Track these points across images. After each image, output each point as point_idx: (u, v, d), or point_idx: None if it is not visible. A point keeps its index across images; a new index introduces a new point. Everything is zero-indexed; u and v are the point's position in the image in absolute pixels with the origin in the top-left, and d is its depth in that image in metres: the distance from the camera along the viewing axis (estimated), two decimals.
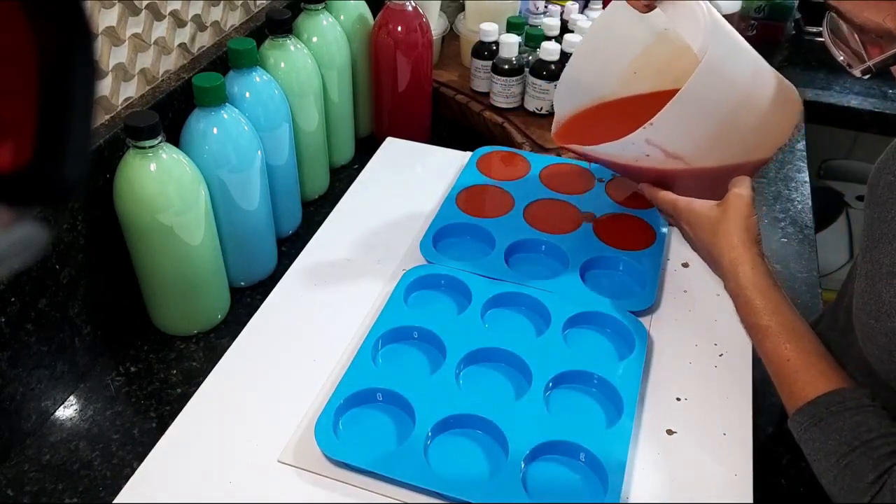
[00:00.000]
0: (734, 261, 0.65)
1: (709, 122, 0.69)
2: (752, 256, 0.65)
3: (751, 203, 0.68)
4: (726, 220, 0.67)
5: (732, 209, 0.67)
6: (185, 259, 0.74)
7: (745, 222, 0.66)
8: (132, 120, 0.67)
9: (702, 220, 0.69)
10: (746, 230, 0.66)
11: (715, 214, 0.68)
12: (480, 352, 0.72)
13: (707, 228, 0.68)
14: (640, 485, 0.63)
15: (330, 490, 0.62)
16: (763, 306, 0.62)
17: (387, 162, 1.00)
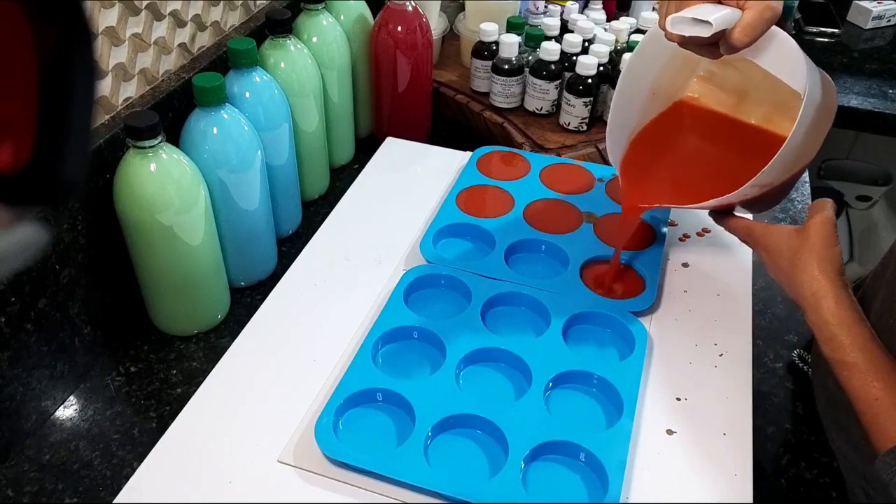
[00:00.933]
0: (816, 293, 0.62)
1: (799, 151, 0.67)
2: (835, 289, 0.61)
3: (833, 230, 0.64)
4: (807, 249, 0.63)
5: (814, 237, 0.64)
6: (185, 259, 0.74)
7: (828, 252, 0.63)
8: (132, 120, 0.67)
9: (781, 247, 0.66)
10: (830, 260, 0.63)
11: (796, 243, 0.64)
12: (480, 352, 0.72)
13: (786, 257, 0.65)
14: (640, 485, 0.63)
15: (330, 490, 0.62)
16: (849, 343, 0.59)
17: (387, 162, 1.00)
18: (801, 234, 0.65)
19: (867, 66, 1.41)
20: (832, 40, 1.49)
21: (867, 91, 1.31)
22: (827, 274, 0.62)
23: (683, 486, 0.63)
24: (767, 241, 0.67)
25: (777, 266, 0.66)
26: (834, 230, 0.64)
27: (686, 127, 0.81)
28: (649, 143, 0.79)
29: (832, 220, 0.65)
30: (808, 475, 0.70)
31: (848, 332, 0.60)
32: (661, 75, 0.78)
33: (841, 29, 1.51)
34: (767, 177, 0.65)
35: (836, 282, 0.62)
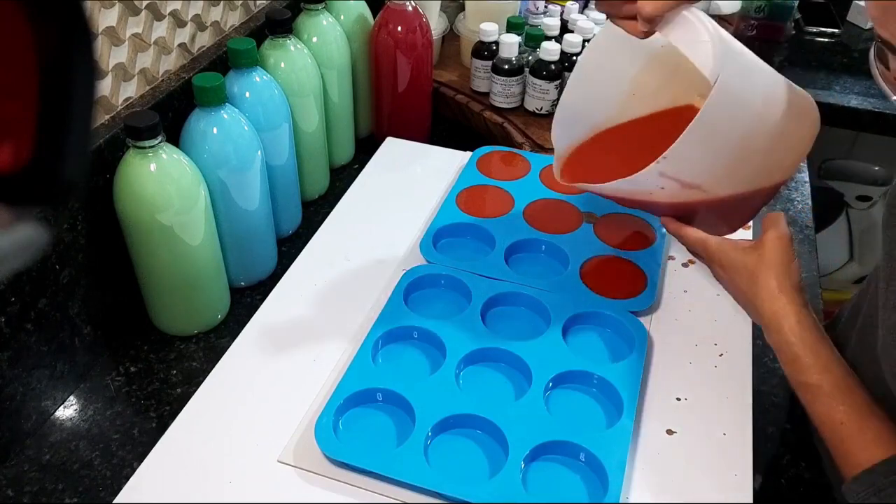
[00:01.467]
0: (777, 313, 0.60)
1: (726, 148, 0.65)
2: (796, 308, 0.60)
3: (790, 245, 0.63)
4: (765, 266, 0.62)
5: (771, 253, 0.62)
6: (185, 259, 0.74)
7: (786, 268, 0.62)
8: (132, 120, 0.67)
9: (737, 264, 0.64)
10: (787, 277, 0.61)
11: (752, 260, 0.63)
12: (480, 352, 0.72)
13: (744, 274, 0.63)
14: (640, 485, 0.63)
15: (330, 490, 0.62)
16: (812, 363, 0.58)
17: (387, 162, 1.00)
18: (758, 251, 0.63)
19: (867, 66, 1.40)
20: (832, 40, 1.49)
21: (867, 91, 1.31)
22: (787, 292, 0.61)
23: (683, 486, 0.63)
24: (723, 256, 0.65)
25: (734, 283, 0.65)
26: (790, 245, 0.63)
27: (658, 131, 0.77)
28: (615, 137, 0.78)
29: (788, 234, 0.63)
30: (808, 475, 0.70)
31: (811, 353, 0.59)
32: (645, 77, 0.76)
33: (841, 29, 1.51)
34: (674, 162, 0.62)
35: (796, 300, 0.61)
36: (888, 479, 0.53)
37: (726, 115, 0.62)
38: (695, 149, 0.62)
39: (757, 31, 1.44)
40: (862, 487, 0.54)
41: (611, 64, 0.75)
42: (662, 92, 0.78)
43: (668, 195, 0.65)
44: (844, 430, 0.56)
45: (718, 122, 0.61)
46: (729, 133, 0.63)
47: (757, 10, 1.42)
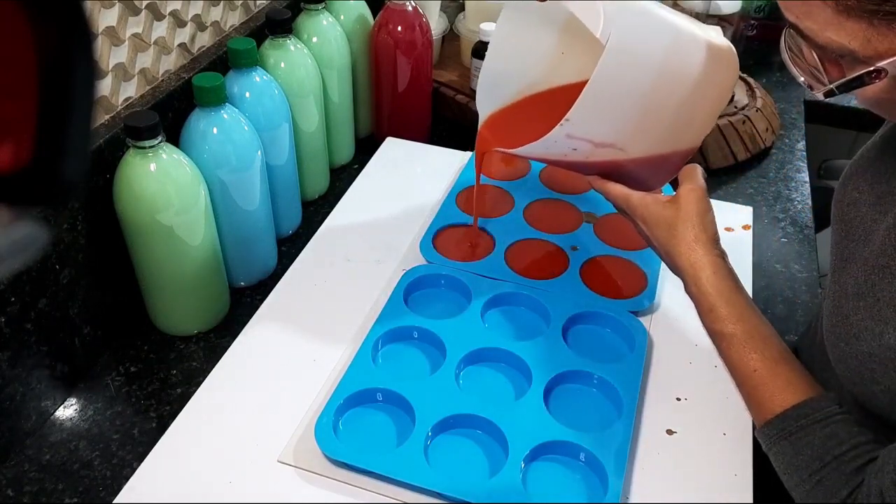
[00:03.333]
0: (695, 264, 0.62)
1: (629, 105, 0.64)
2: (712, 259, 0.62)
3: (704, 197, 0.64)
4: (682, 218, 0.63)
5: (687, 206, 0.64)
6: (185, 259, 0.74)
7: (701, 220, 0.63)
8: (132, 120, 0.67)
9: (657, 217, 0.65)
10: (703, 229, 0.63)
11: (670, 213, 0.64)
12: (480, 352, 0.72)
13: (663, 227, 0.65)
14: (640, 485, 0.63)
15: (330, 490, 0.62)
16: (727, 313, 0.60)
17: (387, 162, 1.00)
18: (675, 204, 0.64)
19: None
20: None
21: None
22: (703, 243, 0.63)
23: (683, 486, 0.63)
24: (644, 211, 0.66)
25: (654, 237, 0.66)
26: (705, 196, 0.64)
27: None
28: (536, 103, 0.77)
29: (702, 186, 0.65)
30: None
31: (726, 303, 0.60)
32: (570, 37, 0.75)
33: None
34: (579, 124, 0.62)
35: (712, 251, 0.62)
36: (798, 423, 0.55)
37: (623, 73, 0.61)
38: (596, 108, 0.62)
39: (757, 31, 1.44)
40: (774, 431, 0.56)
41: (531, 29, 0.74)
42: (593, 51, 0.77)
43: (582, 155, 0.66)
44: (758, 378, 0.58)
45: (616, 81, 0.61)
46: (630, 90, 0.63)
47: (757, 10, 1.42)
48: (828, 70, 0.52)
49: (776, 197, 1.02)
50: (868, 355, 0.54)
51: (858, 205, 0.59)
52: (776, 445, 0.56)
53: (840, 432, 0.54)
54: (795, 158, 1.11)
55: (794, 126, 1.19)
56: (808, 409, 0.55)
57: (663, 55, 0.63)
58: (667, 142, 0.68)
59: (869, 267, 0.55)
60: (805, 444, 0.54)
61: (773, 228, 0.96)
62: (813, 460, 0.54)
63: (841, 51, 0.49)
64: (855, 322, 0.55)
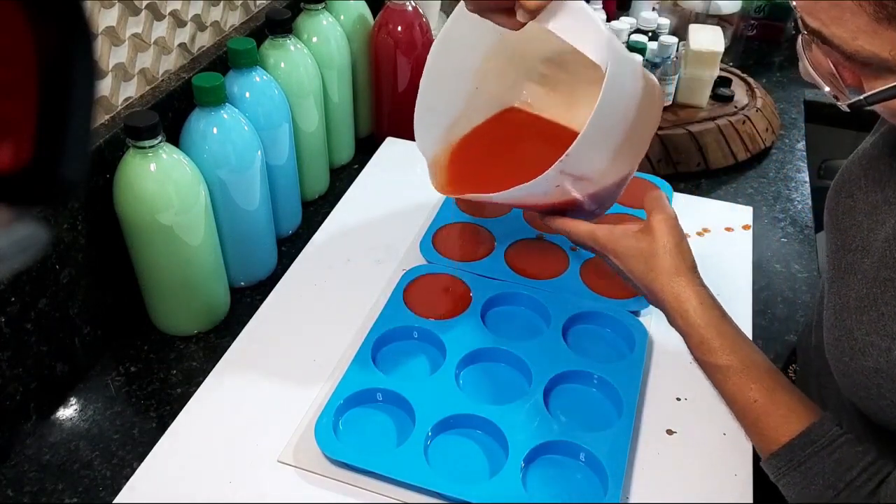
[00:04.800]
0: (679, 296, 0.61)
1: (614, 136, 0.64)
2: (695, 289, 0.61)
3: (677, 225, 0.63)
4: (658, 251, 0.62)
5: (661, 237, 0.62)
6: (185, 259, 0.74)
7: (679, 250, 0.62)
8: (132, 120, 0.67)
9: (631, 251, 0.64)
10: (682, 259, 0.62)
11: (644, 245, 0.63)
12: (480, 352, 0.72)
13: (639, 260, 0.63)
14: (640, 485, 0.63)
15: (330, 490, 0.62)
16: (720, 345, 0.58)
17: (387, 162, 1.00)
18: (648, 236, 0.63)
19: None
20: None
21: None
22: (684, 274, 0.62)
23: (683, 486, 0.63)
24: (615, 245, 0.65)
25: (630, 270, 0.64)
26: (677, 224, 0.64)
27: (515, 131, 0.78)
28: (474, 143, 0.77)
29: (673, 214, 0.64)
30: None
31: (717, 334, 0.59)
32: (486, 69, 0.74)
33: None
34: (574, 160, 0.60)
35: (693, 280, 0.62)
36: (805, 451, 0.54)
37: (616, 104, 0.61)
38: (592, 142, 0.61)
39: (757, 31, 1.44)
40: (781, 462, 0.55)
41: (456, 58, 0.73)
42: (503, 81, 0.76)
43: (560, 193, 0.65)
44: (758, 408, 0.57)
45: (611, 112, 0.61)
46: (618, 120, 0.63)
47: (757, 10, 1.42)
48: (843, 77, 0.50)
49: (776, 197, 1.02)
50: (874, 371, 0.53)
51: (854, 213, 0.58)
52: (785, 477, 0.55)
53: (848, 457, 0.53)
54: (795, 158, 1.11)
55: (794, 126, 1.19)
56: (813, 437, 0.54)
57: (633, 80, 0.63)
58: (623, 168, 0.68)
59: (870, 280, 0.54)
60: (815, 473, 0.53)
61: (773, 228, 0.96)
62: (826, 489, 0.53)
63: (871, 60, 0.46)
64: (859, 337, 0.53)
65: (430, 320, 0.74)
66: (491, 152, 0.76)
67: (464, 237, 0.86)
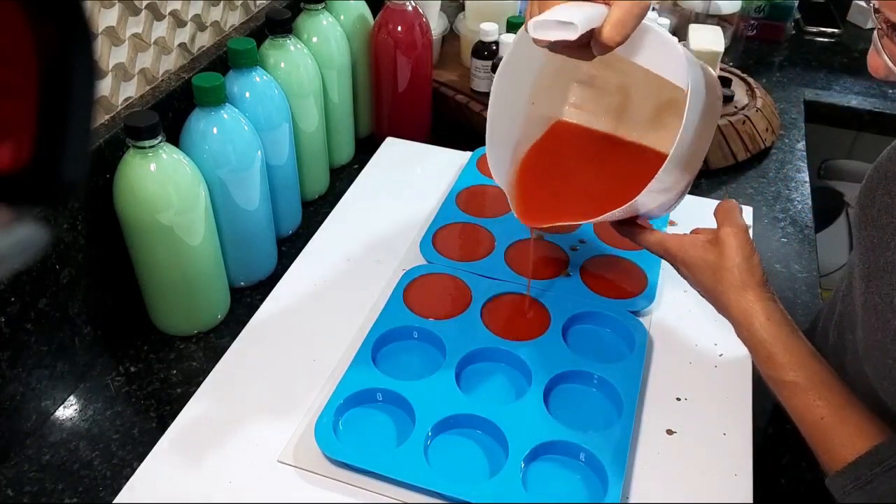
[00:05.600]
0: (746, 311, 0.60)
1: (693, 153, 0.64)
2: (764, 305, 0.60)
3: (747, 239, 0.62)
4: (727, 265, 0.61)
5: (731, 251, 0.61)
6: (185, 259, 0.74)
7: (748, 264, 0.61)
8: (132, 120, 0.67)
9: (698, 262, 0.63)
10: (751, 273, 0.61)
11: (713, 257, 0.62)
12: (480, 352, 0.72)
13: (707, 272, 0.63)
14: (640, 485, 0.63)
15: (330, 490, 0.62)
16: (787, 360, 0.58)
17: (387, 162, 1.00)
18: (717, 248, 0.62)
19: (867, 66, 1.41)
20: (832, 40, 1.49)
21: (867, 91, 1.31)
22: (752, 289, 0.60)
23: (683, 486, 0.63)
24: (685, 256, 0.64)
25: (699, 281, 0.64)
26: (748, 238, 0.62)
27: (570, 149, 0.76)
28: (537, 164, 0.74)
29: (744, 227, 0.63)
30: (808, 475, 0.70)
31: (784, 350, 0.58)
32: (540, 81, 0.73)
33: (841, 29, 1.51)
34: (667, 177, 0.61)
35: (762, 295, 0.60)
36: (872, 471, 0.53)
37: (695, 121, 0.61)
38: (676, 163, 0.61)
39: (757, 31, 1.44)
40: (847, 481, 0.54)
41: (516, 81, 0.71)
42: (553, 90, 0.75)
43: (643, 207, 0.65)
44: (826, 425, 0.56)
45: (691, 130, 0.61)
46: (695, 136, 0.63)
47: (757, 10, 1.42)
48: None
49: (776, 197, 1.02)
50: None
51: (892, 210, 0.57)
52: (850, 496, 0.54)
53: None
54: (795, 158, 1.11)
55: (794, 126, 1.19)
56: (881, 456, 0.53)
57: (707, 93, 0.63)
58: (692, 174, 0.68)
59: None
60: (882, 493, 0.52)
61: (773, 228, 0.96)
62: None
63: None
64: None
65: (430, 320, 0.74)
66: (555, 172, 0.74)
67: (464, 237, 0.86)
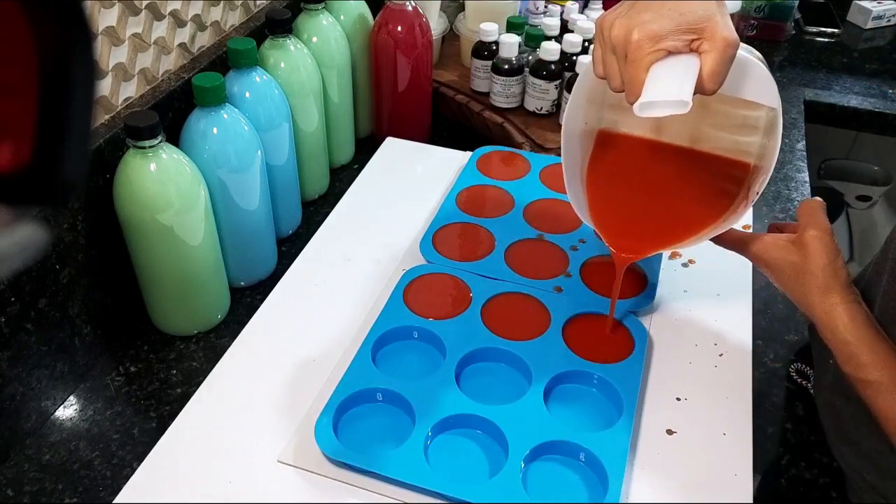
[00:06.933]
0: (830, 313, 0.60)
1: None
2: (848, 307, 0.59)
3: (832, 242, 0.62)
4: (811, 268, 0.61)
5: (816, 254, 0.61)
6: (185, 259, 0.74)
7: (832, 266, 0.61)
8: (132, 120, 0.67)
9: (781, 264, 0.63)
10: (835, 276, 0.60)
11: (796, 259, 0.62)
12: (480, 352, 0.72)
13: (790, 274, 0.63)
14: (640, 485, 0.63)
15: (330, 490, 0.62)
16: (871, 360, 0.57)
17: (387, 162, 1.00)
18: (801, 250, 0.62)
19: (867, 66, 1.41)
20: (832, 40, 1.49)
21: (867, 91, 1.31)
22: (837, 291, 0.60)
23: (683, 486, 0.63)
24: (766, 256, 0.65)
25: (781, 282, 0.64)
26: (832, 240, 0.62)
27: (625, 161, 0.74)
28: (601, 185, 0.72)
29: (829, 229, 0.62)
30: (808, 475, 0.70)
31: (869, 350, 0.58)
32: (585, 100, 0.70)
33: (841, 29, 1.51)
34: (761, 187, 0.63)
35: (847, 297, 0.60)
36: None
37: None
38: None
39: (757, 30, 1.44)
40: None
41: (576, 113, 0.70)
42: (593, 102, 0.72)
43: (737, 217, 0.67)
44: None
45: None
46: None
47: (757, 10, 1.42)
48: None
49: (776, 197, 1.02)
50: None
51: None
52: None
53: None
54: (795, 158, 1.11)
55: (794, 126, 1.19)
56: None
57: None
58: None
59: None
60: None
61: None
62: None
63: None
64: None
65: (430, 320, 0.74)
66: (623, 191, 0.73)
67: (464, 237, 0.86)
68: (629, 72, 0.55)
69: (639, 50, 0.54)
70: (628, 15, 0.56)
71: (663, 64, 0.55)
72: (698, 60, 0.55)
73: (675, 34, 0.54)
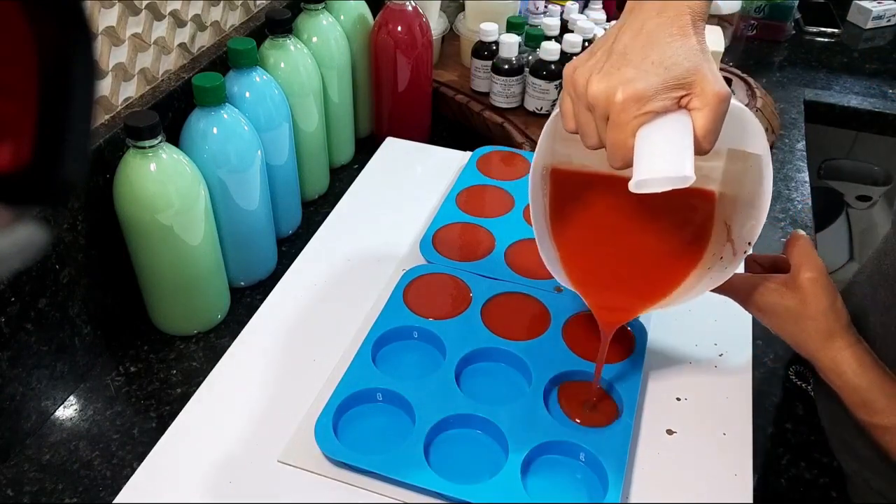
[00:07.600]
0: (836, 359, 0.58)
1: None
2: (853, 351, 0.58)
3: (829, 284, 0.59)
4: (811, 313, 0.59)
5: (815, 299, 0.59)
6: (185, 259, 0.74)
7: (832, 310, 0.59)
8: (132, 120, 0.67)
9: (778, 310, 0.61)
10: (837, 319, 0.59)
11: (793, 305, 0.60)
12: (480, 352, 0.72)
13: (788, 321, 0.60)
14: (640, 485, 0.63)
15: (330, 490, 0.62)
16: (885, 405, 0.56)
17: (387, 162, 1.00)
18: (798, 294, 0.60)
19: (867, 66, 1.41)
20: (832, 40, 1.49)
21: (867, 91, 1.31)
22: (840, 335, 0.59)
23: (683, 486, 0.63)
24: (760, 301, 0.62)
25: (777, 327, 0.62)
26: (830, 281, 0.60)
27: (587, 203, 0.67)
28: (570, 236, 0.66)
29: (824, 269, 0.60)
30: (808, 475, 0.70)
31: (882, 395, 0.57)
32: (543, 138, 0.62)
33: (841, 29, 1.51)
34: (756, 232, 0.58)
35: (850, 340, 0.59)
36: None
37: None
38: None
39: (757, 31, 1.44)
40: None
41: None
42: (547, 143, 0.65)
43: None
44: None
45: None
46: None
47: (757, 10, 1.42)
48: None
49: (776, 197, 1.02)
50: None
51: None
52: None
53: None
54: (795, 158, 1.11)
55: (794, 126, 1.19)
56: None
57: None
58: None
59: None
60: None
61: (773, 228, 0.96)
62: None
63: None
64: None
65: (430, 320, 0.74)
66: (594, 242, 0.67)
67: (464, 237, 0.86)
68: (613, 136, 0.49)
69: (624, 113, 0.48)
70: (606, 71, 0.49)
71: (653, 128, 0.49)
72: (689, 119, 0.49)
73: (662, 93, 0.47)
